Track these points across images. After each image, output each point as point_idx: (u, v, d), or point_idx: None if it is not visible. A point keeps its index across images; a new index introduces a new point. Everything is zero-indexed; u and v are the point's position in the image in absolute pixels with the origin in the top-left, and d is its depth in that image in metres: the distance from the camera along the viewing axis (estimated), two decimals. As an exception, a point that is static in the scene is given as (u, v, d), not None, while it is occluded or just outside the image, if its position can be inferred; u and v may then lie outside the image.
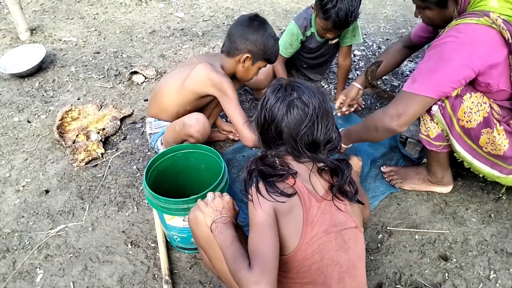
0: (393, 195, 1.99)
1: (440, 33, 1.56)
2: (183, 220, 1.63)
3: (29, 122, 2.59)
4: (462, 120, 1.57)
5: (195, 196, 1.55)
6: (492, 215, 1.85)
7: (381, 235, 1.82)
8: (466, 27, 1.45)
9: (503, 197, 1.90)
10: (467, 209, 1.89)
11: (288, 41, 2.41)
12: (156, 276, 1.73)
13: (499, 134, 1.55)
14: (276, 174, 1.16)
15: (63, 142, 2.38)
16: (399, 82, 2.72)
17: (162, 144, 2.08)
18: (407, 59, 2.68)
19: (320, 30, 2.26)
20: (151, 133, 2.13)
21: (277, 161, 1.20)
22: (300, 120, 1.14)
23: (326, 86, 2.76)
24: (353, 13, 2.07)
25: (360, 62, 2.97)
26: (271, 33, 1.90)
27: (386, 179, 2.03)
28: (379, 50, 3.10)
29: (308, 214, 1.14)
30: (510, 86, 1.50)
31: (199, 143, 1.82)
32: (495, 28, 1.43)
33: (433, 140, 1.69)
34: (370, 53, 3.08)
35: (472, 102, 1.54)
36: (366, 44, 3.17)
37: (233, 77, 1.99)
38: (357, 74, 2.83)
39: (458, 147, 1.64)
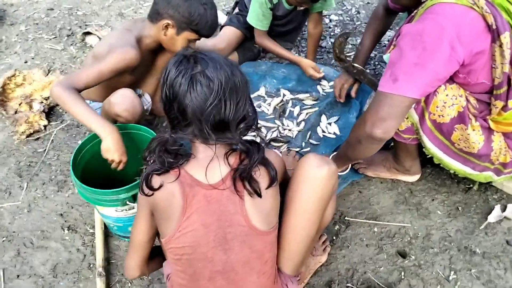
0: (356, 182, 1.83)
1: (413, 14, 1.34)
2: (115, 211, 1.47)
3: (-31, 86, 2.35)
4: (434, 114, 1.38)
5: (125, 187, 1.38)
6: (460, 207, 1.71)
7: (338, 226, 1.68)
8: (443, 8, 1.22)
9: (474, 187, 1.75)
10: (433, 200, 1.74)
11: (259, 12, 2.15)
12: (91, 265, 1.60)
13: (474, 130, 1.37)
14: (158, 168, 1.07)
15: (4, 112, 2.16)
16: (375, 52, 2.49)
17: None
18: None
19: (293, 2, 2.01)
20: None
21: (173, 149, 1.07)
22: (205, 97, 0.99)
23: (296, 54, 2.52)
24: None
25: (336, 28, 2.72)
26: (203, 0, 1.63)
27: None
28: (357, 15, 2.83)
29: (187, 203, 1.05)
30: (491, 78, 1.30)
31: (131, 123, 1.61)
32: (476, 10, 1.21)
33: (402, 132, 1.51)
34: (347, 18, 2.81)
35: (447, 95, 1.35)
36: (344, 7, 2.89)
37: (162, 47, 1.75)
38: (331, 43, 2.58)
39: (428, 143, 1.46)
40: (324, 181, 1.17)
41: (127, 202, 1.42)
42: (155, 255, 1.28)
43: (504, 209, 1.65)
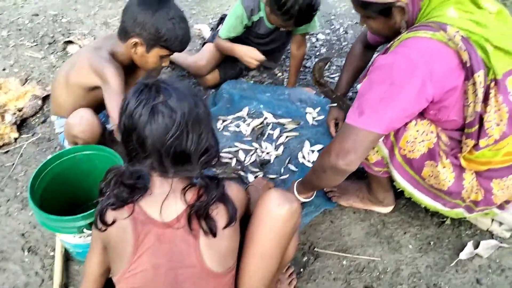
0: (328, 211, 1.79)
1: (388, 45, 1.30)
2: (73, 237, 1.42)
3: None
4: (404, 150, 1.34)
5: (81, 215, 1.32)
6: (432, 242, 1.67)
7: (306, 257, 1.63)
8: (417, 43, 1.19)
9: (447, 221, 1.71)
10: (405, 233, 1.70)
11: (232, 24, 2.11)
12: (49, 291, 1.54)
13: (444, 167, 1.33)
14: (112, 203, 1.03)
15: (-25, 122, 2.11)
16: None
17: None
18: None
19: (275, 22, 1.98)
20: (57, 132, 1.86)
21: (129, 182, 1.03)
22: (166, 129, 0.95)
23: (280, 74, 2.49)
24: (316, 5, 1.83)
25: (322, 48, 2.69)
26: (170, 15, 1.56)
27: (324, 190, 1.82)
28: (345, 34, 2.80)
29: (139, 242, 1.01)
30: (463, 116, 1.26)
31: (90, 144, 1.56)
32: (451, 46, 1.17)
33: (372, 165, 1.48)
34: (335, 37, 2.78)
35: (417, 131, 1.31)
36: (332, 27, 2.87)
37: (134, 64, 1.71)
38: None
39: (398, 177, 1.42)
40: (285, 221, 1.12)
41: (84, 230, 1.37)
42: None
43: (477, 245, 1.61)
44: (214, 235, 1.03)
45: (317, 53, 2.64)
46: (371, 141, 1.25)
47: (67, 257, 1.62)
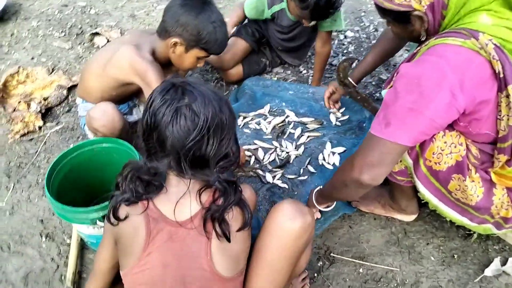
0: (347, 215, 1.73)
1: (415, 51, 1.23)
2: (87, 228, 1.42)
3: (-26, 79, 2.37)
4: (430, 161, 1.26)
5: (94, 208, 1.32)
6: (456, 255, 1.58)
7: (321, 262, 1.58)
8: (446, 50, 1.10)
9: (474, 235, 1.62)
10: (428, 243, 1.62)
11: (253, 3, 2.11)
12: (63, 277, 1.55)
13: (473, 182, 1.25)
14: (127, 198, 1.02)
15: (3, 109, 2.16)
16: (388, 75, 2.36)
17: (90, 130, 1.84)
18: (404, 48, 2.29)
19: (294, 12, 1.93)
20: (80, 116, 1.88)
21: (146, 178, 1.02)
22: (187, 132, 0.95)
23: (305, 72, 2.43)
24: (335, 3, 1.76)
25: (350, 46, 2.60)
26: (212, 18, 1.57)
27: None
28: (375, 32, 2.71)
29: (150, 239, 1.00)
30: (495, 130, 1.17)
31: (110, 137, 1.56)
32: (483, 55, 1.08)
33: (395, 174, 1.40)
34: (364, 35, 2.69)
35: (445, 143, 1.23)
36: (362, 24, 2.77)
37: (170, 62, 1.70)
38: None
39: (422, 189, 1.35)
40: (297, 236, 1.08)
41: (97, 222, 1.37)
42: (119, 282, 1.22)
43: (504, 262, 1.52)
44: (229, 240, 1.00)
45: (345, 51, 2.57)
46: (398, 153, 1.18)
47: (83, 246, 1.63)
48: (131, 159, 1.12)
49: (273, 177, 1.84)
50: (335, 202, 1.61)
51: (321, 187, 1.55)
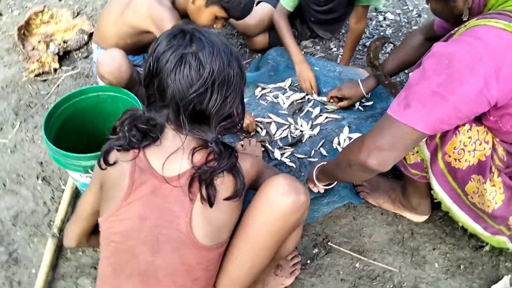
0: (353, 205, 1.62)
1: (452, 32, 1.08)
2: (80, 175, 1.38)
3: (0, 15, 2.35)
4: (450, 156, 1.13)
5: (86, 155, 1.27)
6: (463, 266, 1.45)
7: (317, 250, 1.49)
8: (486, 33, 0.96)
9: (486, 247, 1.49)
10: (434, 249, 1.50)
11: None
12: (51, 222, 1.53)
13: (493, 186, 1.12)
14: (120, 144, 0.98)
15: (22, 46, 2.13)
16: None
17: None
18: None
19: None
20: (94, 62, 1.81)
21: (142, 127, 0.97)
22: (190, 82, 0.89)
23: (335, 49, 2.28)
24: None
25: (388, 28, 2.42)
26: None
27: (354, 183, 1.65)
28: (418, 18, 2.51)
29: (133, 189, 0.95)
30: None
31: (116, 86, 1.48)
32: None
33: (409, 166, 1.28)
34: (405, 19, 2.49)
35: (469, 138, 1.10)
36: (405, 7, 2.57)
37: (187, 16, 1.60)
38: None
39: (436, 186, 1.22)
40: (287, 214, 0.99)
41: (89, 171, 1.32)
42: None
43: (515, 282, 1.39)
44: (211, 205, 0.94)
45: (382, 34, 2.39)
46: (413, 140, 1.05)
47: (77, 194, 1.60)
48: (132, 106, 1.05)
49: (282, 154, 1.74)
50: (335, 182, 1.51)
51: (325, 163, 1.44)
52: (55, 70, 2.07)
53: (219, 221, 0.98)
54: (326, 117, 1.90)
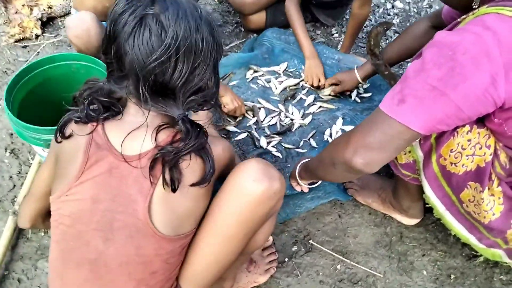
0: (339, 202, 1.51)
1: (459, 20, 0.95)
2: (43, 150, 1.27)
3: (-15, -26, 2.21)
4: (445, 159, 1.01)
5: (45, 128, 1.15)
6: (453, 276, 1.34)
7: (296, 247, 1.39)
8: (498, 22, 0.82)
9: (481, 257, 1.37)
10: (424, 255, 1.39)
11: None
12: (15, 199, 1.43)
13: (492, 196, 1.00)
14: (78, 116, 0.88)
15: (4, 9, 2.01)
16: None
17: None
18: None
19: None
20: None
21: (103, 100, 0.87)
22: (150, 49, 0.78)
23: (336, 35, 2.14)
24: None
25: (396, 17, 2.27)
26: None
27: (342, 179, 1.53)
28: (428, 9, 2.35)
29: (87, 167, 0.85)
30: None
31: (85, 53, 1.36)
32: None
33: (400, 166, 1.16)
34: (414, 9, 2.34)
35: (469, 141, 0.97)
36: (415, -5, 2.42)
37: None
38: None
39: (428, 191, 1.10)
40: (258, 202, 0.88)
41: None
42: None
43: (508, 297, 1.28)
44: (174, 190, 0.83)
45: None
46: (406, 140, 0.92)
47: (44, 171, 1.49)
48: (92, 77, 0.94)
49: (268, 143, 1.62)
50: (320, 181, 1.39)
51: (308, 159, 1.32)
52: (37, 36, 1.94)
53: (183, 210, 0.87)
54: (320, 106, 1.77)
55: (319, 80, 1.81)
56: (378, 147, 0.93)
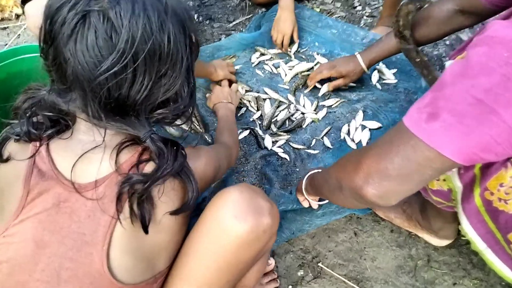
0: (356, 216, 1.28)
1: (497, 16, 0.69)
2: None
3: None
4: (492, 194, 0.76)
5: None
6: (490, 310, 1.13)
7: (303, 272, 1.19)
8: None
9: (524, 289, 1.14)
10: (455, 284, 1.17)
11: None
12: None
13: None
14: (18, 133, 0.71)
15: (-18, -15, 1.80)
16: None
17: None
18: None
19: None
20: None
21: (46, 114, 0.69)
22: (97, 57, 0.61)
23: (360, 9, 1.84)
24: None
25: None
26: None
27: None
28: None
29: (27, 202, 0.67)
30: None
31: None
32: None
33: (431, 192, 0.92)
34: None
35: None
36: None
37: None
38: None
39: (467, 226, 0.86)
40: (241, 243, 0.70)
41: None
42: None
43: None
44: (146, 228, 0.66)
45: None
46: (435, 169, 0.68)
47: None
48: (34, 83, 0.74)
49: (274, 142, 1.39)
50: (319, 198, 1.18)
51: (316, 171, 1.10)
52: (18, 16, 1.75)
53: (154, 246, 0.70)
54: (337, 101, 1.51)
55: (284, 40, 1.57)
56: (398, 176, 0.69)
